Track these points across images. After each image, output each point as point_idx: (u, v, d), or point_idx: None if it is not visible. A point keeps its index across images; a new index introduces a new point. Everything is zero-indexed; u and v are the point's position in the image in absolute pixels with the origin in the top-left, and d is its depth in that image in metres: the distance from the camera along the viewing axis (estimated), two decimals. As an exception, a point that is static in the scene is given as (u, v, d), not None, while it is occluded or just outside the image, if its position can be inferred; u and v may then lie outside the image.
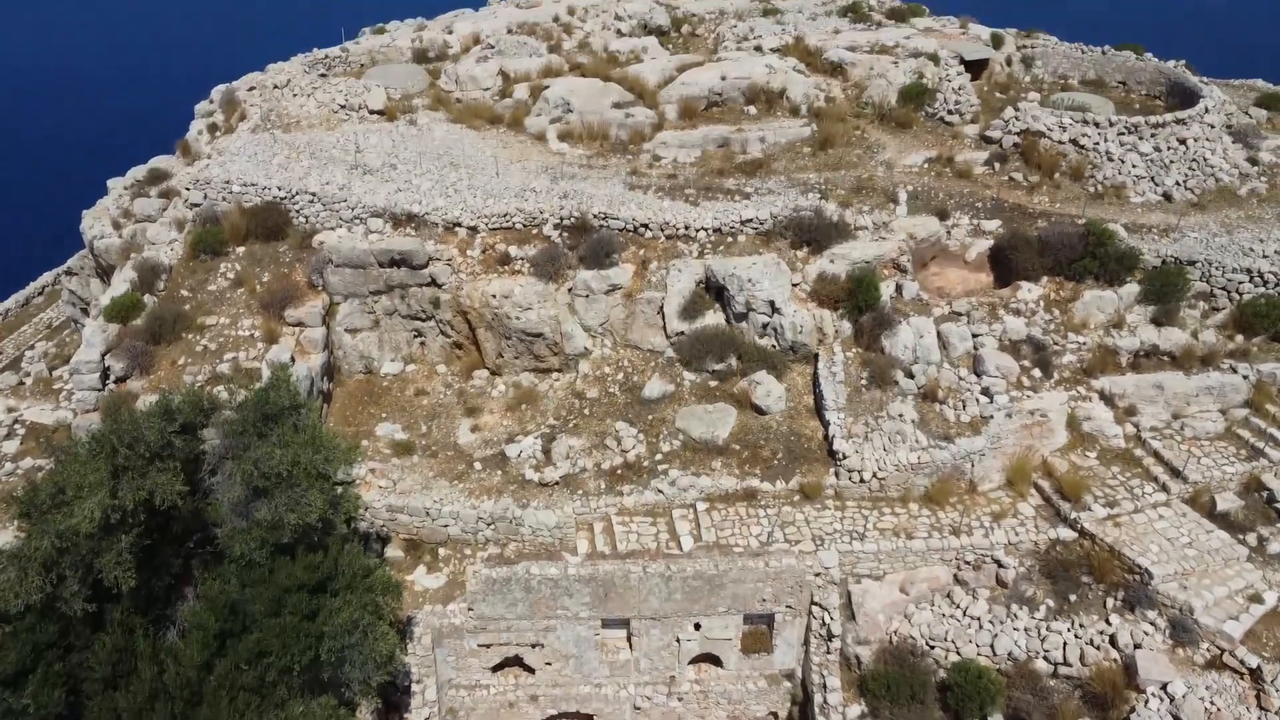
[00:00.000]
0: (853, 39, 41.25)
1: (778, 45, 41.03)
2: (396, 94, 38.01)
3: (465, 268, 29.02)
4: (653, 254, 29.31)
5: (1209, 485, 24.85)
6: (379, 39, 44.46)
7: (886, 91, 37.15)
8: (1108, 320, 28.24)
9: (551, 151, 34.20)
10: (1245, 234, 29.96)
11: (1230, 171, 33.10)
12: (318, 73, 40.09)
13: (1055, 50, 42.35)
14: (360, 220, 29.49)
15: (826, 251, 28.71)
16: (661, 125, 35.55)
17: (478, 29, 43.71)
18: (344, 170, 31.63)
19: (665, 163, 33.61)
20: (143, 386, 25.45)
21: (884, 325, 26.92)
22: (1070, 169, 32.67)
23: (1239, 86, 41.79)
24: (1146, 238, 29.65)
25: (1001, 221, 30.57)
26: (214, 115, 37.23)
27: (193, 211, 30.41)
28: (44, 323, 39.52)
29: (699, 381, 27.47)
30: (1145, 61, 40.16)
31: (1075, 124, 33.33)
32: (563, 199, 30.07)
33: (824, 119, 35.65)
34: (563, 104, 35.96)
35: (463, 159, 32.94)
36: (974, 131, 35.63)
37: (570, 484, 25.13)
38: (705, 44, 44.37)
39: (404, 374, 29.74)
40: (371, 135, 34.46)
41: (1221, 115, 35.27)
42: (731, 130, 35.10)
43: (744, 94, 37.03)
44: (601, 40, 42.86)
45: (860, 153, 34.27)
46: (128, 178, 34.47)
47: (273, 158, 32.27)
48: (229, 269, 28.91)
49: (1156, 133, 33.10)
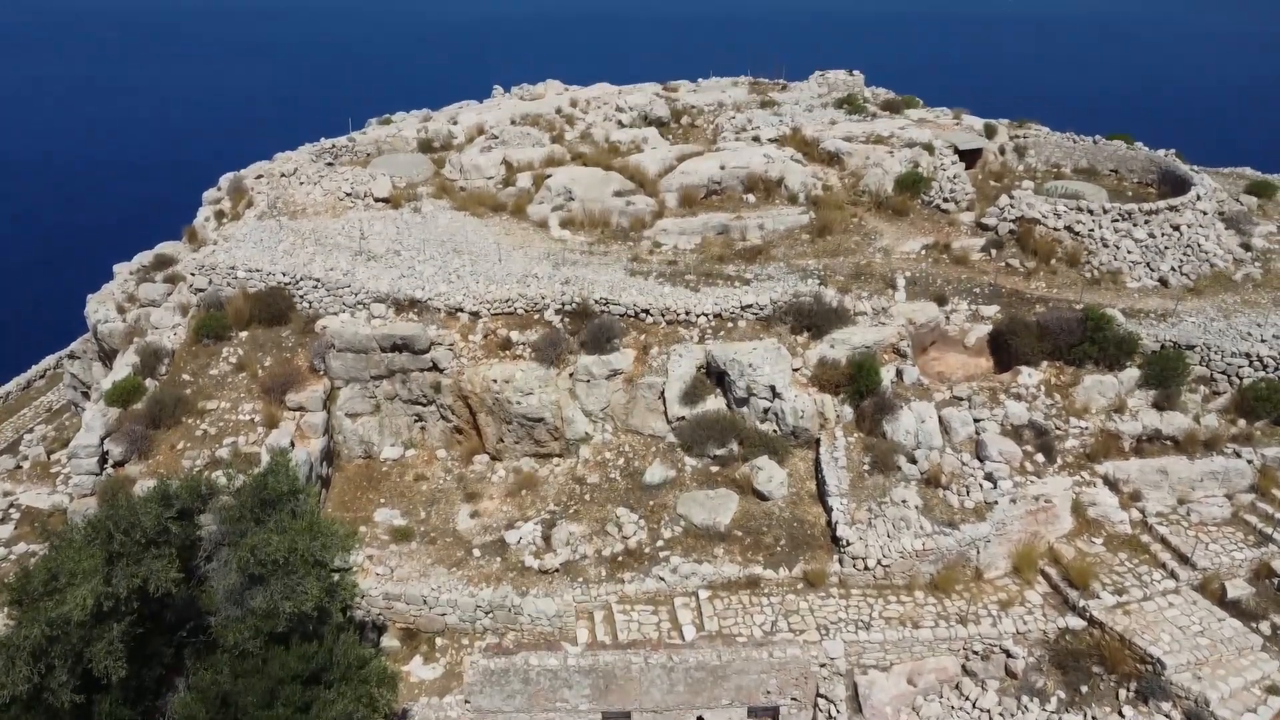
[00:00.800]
0: (849, 130, 42.16)
1: (775, 136, 41.91)
2: (401, 182, 38.70)
3: (467, 352, 29.13)
4: (654, 339, 29.45)
5: (1218, 572, 24.50)
6: (385, 129, 45.47)
7: (883, 180, 37.82)
8: (1109, 405, 28.23)
9: (553, 238, 34.65)
10: (1242, 318, 30.16)
11: (1224, 257, 33.49)
12: (325, 161, 40.87)
13: (1047, 140, 43.25)
14: (363, 305, 29.72)
15: (826, 336, 28.85)
16: (662, 213, 36.11)
17: (482, 120, 44.71)
18: (348, 256, 32.00)
19: (666, 249, 34.02)
20: (141, 471, 25.30)
21: (885, 410, 26.89)
22: (1066, 255, 33.06)
23: (1228, 174, 42.57)
24: (1145, 322, 29.83)
25: (1000, 307, 30.81)
26: (221, 202, 37.82)
27: (197, 296, 30.67)
28: (44, 406, 39.53)
29: (700, 467, 27.31)
30: (1136, 150, 40.99)
31: (1070, 211, 33.86)
32: (564, 285, 30.35)
33: (822, 207, 36.22)
34: (565, 192, 36.59)
35: (466, 245, 33.35)
36: (970, 219, 36.15)
37: (570, 571, 24.78)
38: (704, 134, 45.34)
39: (404, 459, 29.59)
40: (376, 222, 34.96)
41: (1213, 202, 35.85)
42: (731, 218, 35.63)
43: (743, 182, 37.70)
44: (603, 131, 43.79)
45: (858, 239, 34.72)
46: (134, 263, 34.88)
47: (278, 244, 32.69)
48: (231, 353, 29.01)
49: (1150, 219, 33.60)
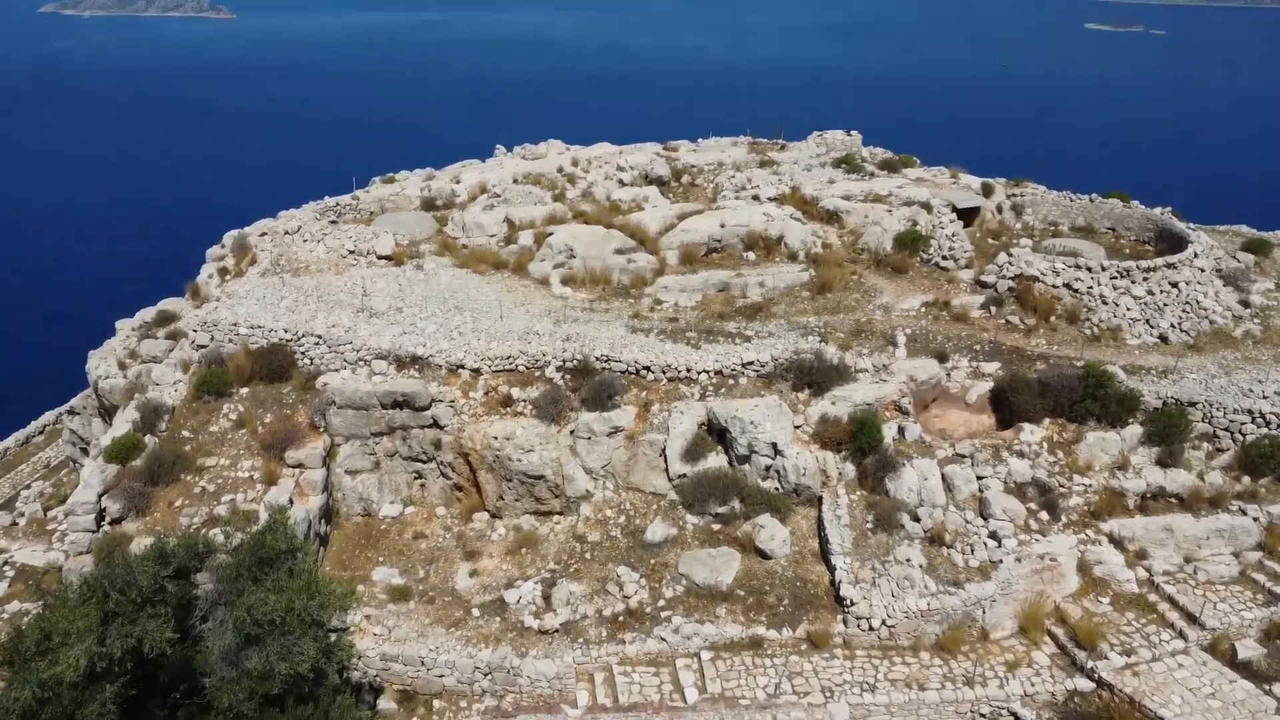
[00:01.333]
0: (847, 188, 42.62)
1: (775, 194, 42.35)
2: (404, 240, 39.00)
3: (468, 409, 29.09)
4: (655, 396, 29.43)
5: (1228, 632, 24.15)
6: (389, 188, 45.93)
7: (882, 238, 38.13)
8: (1112, 462, 28.10)
9: (555, 295, 34.82)
10: (1243, 375, 30.16)
11: (1224, 314, 33.61)
12: (328, 219, 41.23)
13: (1044, 198, 43.68)
14: (364, 362, 29.76)
15: (828, 394, 28.83)
16: (663, 270, 36.34)
17: (484, 179, 45.22)
18: (350, 313, 32.14)
19: (667, 306, 34.17)
20: (138, 528, 25.11)
21: (888, 468, 26.77)
22: (1066, 312, 33.19)
23: (1225, 232, 42.91)
24: (1146, 379, 29.82)
25: (1000, 364, 30.84)
26: (225, 259, 38.08)
27: (199, 353, 30.73)
28: (42, 462, 39.35)
29: (702, 525, 27.10)
30: (1132, 208, 41.38)
31: (1068, 269, 34.07)
32: (565, 342, 30.42)
33: (821, 264, 36.47)
34: (566, 250, 36.86)
35: (467, 303, 33.51)
36: (969, 276, 36.36)
37: (570, 631, 24.44)
38: (704, 193, 45.81)
39: (403, 516, 29.38)
40: (379, 279, 35.17)
41: (1210, 259, 36.10)
42: (731, 275, 35.85)
43: (743, 240, 38.02)
44: (604, 190, 44.26)
45: (858, 297, 34.89)
46: (136, 319, 34.99)
47: (280, 301, 32.85)
48: (232, 410, 28.98)
49: (1148, 277, 33.80)
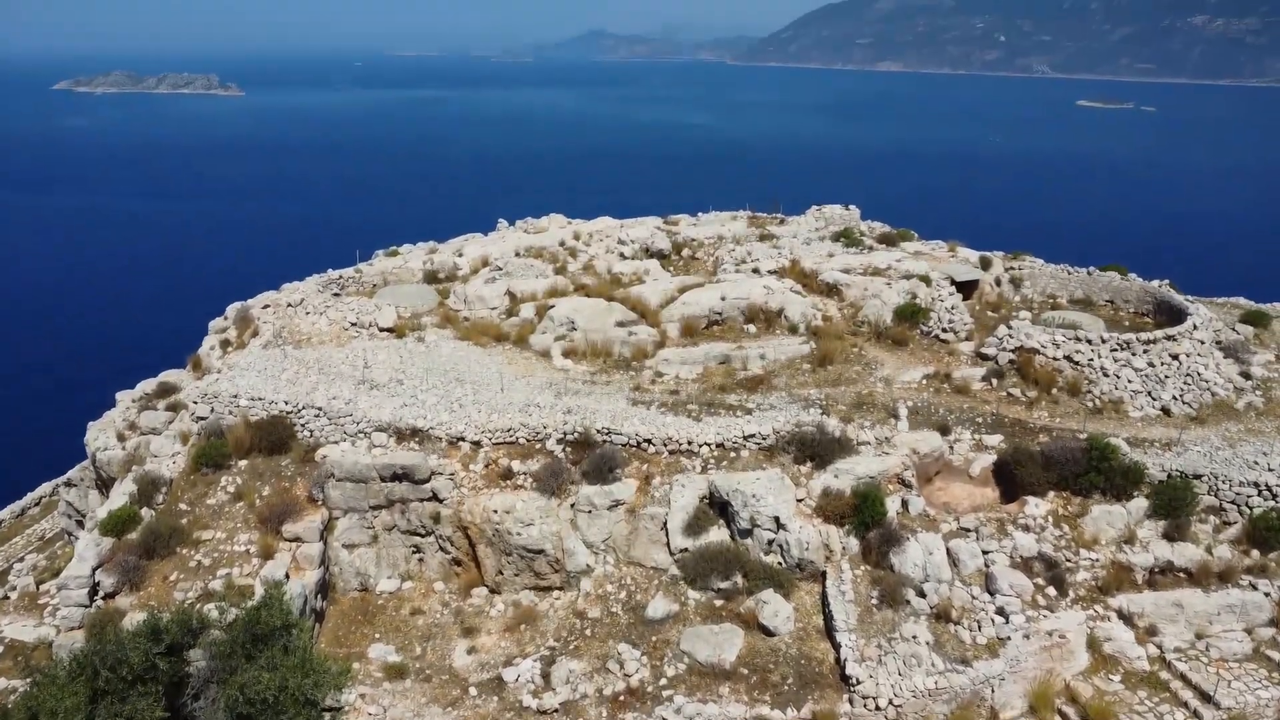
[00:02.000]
0: (846, 262, 42.99)
1: (775, 268, 42.72)
2: (406, 312, 39.21)
3: (467, 482, 28.88)
4: (656, 469, 29.24)
5: (1244, 712, 23.56)
6: (392, 261, 46.37)
7: (881, 311, 38.32)
8: (1118, 536, 27.78)
9: (556, 368, 34.86)
10: (1248, 447, 30.01)
11: (1225, 386, 33.59)
12: (331, 292, 41.52)
13: (1042, 271, 44.04)
14: (364, 434, 29.64)
15: (830, 466, 28.65)
16: (664, 343, 36.45)
17: (487, 252, 45.68)
18: (351, 385, 32.13)
19: (667, 379, 34.17)
20: (131, 603, 24.69)
21: (892, 542, 26.46)
22: (1067, 384, 33.18)
23: (1222, 304, 43.15)
24: (1149, 452, 29.67)
25: (1003, 436, 30.71)
26: (227, 331, 38.24)
27: (198, 425, 30.62)
28: (37, 534, 38.96)
29: (704, 600, 26.67)
30: (1130, 281, 41.68)
31: (1068, 341, 34.16)
32: (566, 414, 30.34)
33: (822, 337, 36.59)
34: (567, 322, 37.02)
35: (468, 375, 33.52)
36: (969, 349, 36.45)
37: (570, 711, 23.86)
38: (705, 266, 46.23)
39: (400, 592, 28.94)
40: (380, 351, 35.25)
41: (1210, 332, 36.22)
42: (732, 347, 35.93)
43: (743, 313, 38.21)
44: (605, 263, 44.66)
45: (859, 369, 34.92)
46: (136, 391, 35.00)
47: (281, 373, 32.86)
48: (230, 483, 28.76)
49: (1149, 349, 33.87)
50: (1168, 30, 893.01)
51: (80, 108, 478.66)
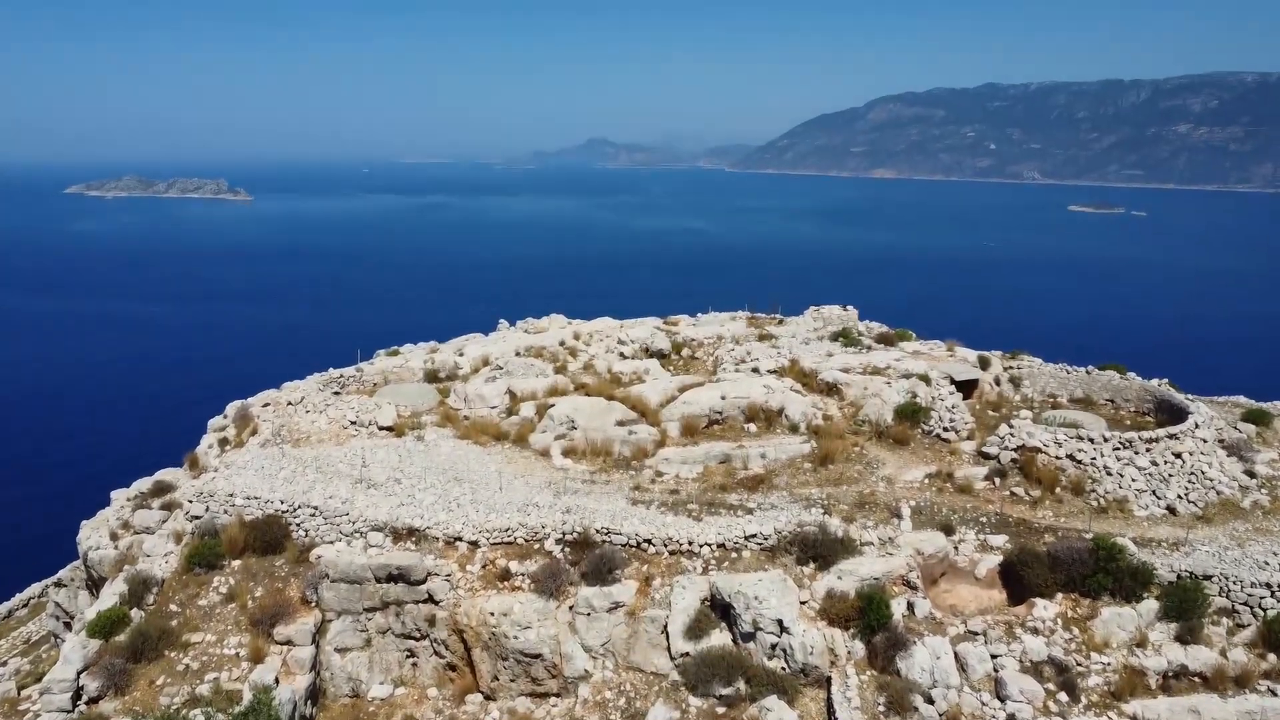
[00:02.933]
0: (845, 361, 43.15)
1: (774, 367, 42.85)
2: (406, 411, 39.16)
3: (464, 583, 28.34)
4: (656, 570, 28.74)
5: (1268, 827, 22.62)
6: (393, 360, 46.57)
7: (882, 410, 38.27)
8: (1130, 639, 27.11)
9: (555, 467, 34.62)
10: (1257, 547, 29.55)
11: (1230, 484, 33.29)
12: (331, 390, 41.57)
13: (1041, 370, 44.15)
14: (360, 534, 29.23)
15: (833, 567, 28.16)
16: (664, 442, 36.28)
17: (487, 352, 45.90)
18: (348, 484, 31.85)
19: (668, 478, 33.90)
20: (115, 708, 23.95)
21: (898, 646, 25.80)
22: (1070, 483, 32.89)
23: (1223, 403, 43.11)
24: (1157, 552, 29.20)
25: (1008, 536, 30.29)
26: (226, 430, 38.12)
27: (192, 524, 30.23)
28: (23, 637, 38.09)
29: (705, 708, 25.85)
30: (1129, 380, 41.75)
31: (1070, 440, 34.00)
32: (565, 514, 29.99)
33: (823, 436, 36.44)
34: (567, 421, 36.93)
35: (467, 474, 33.27)
36: (971, 448, 36.26)
37: (567, 825, 22.89)
38: (705, 366, 46.39)
39: (393, 698, 28.07)
40: (379, 450, 35.06)
41: (1212, 430, 36.08)
42: (733, 447, 35.75)
43: (743, 412, 38.15)
44: (605, 363, 44.83)
45: (860, 468, 34.67)
46: (132, 489, 34.69)
47: (279, 471, 32.62)
48: (222, 583, 28.23)
49: (1151, 447, 33.69)
50: (1154, 138, 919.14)
51: (90, 211, 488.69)
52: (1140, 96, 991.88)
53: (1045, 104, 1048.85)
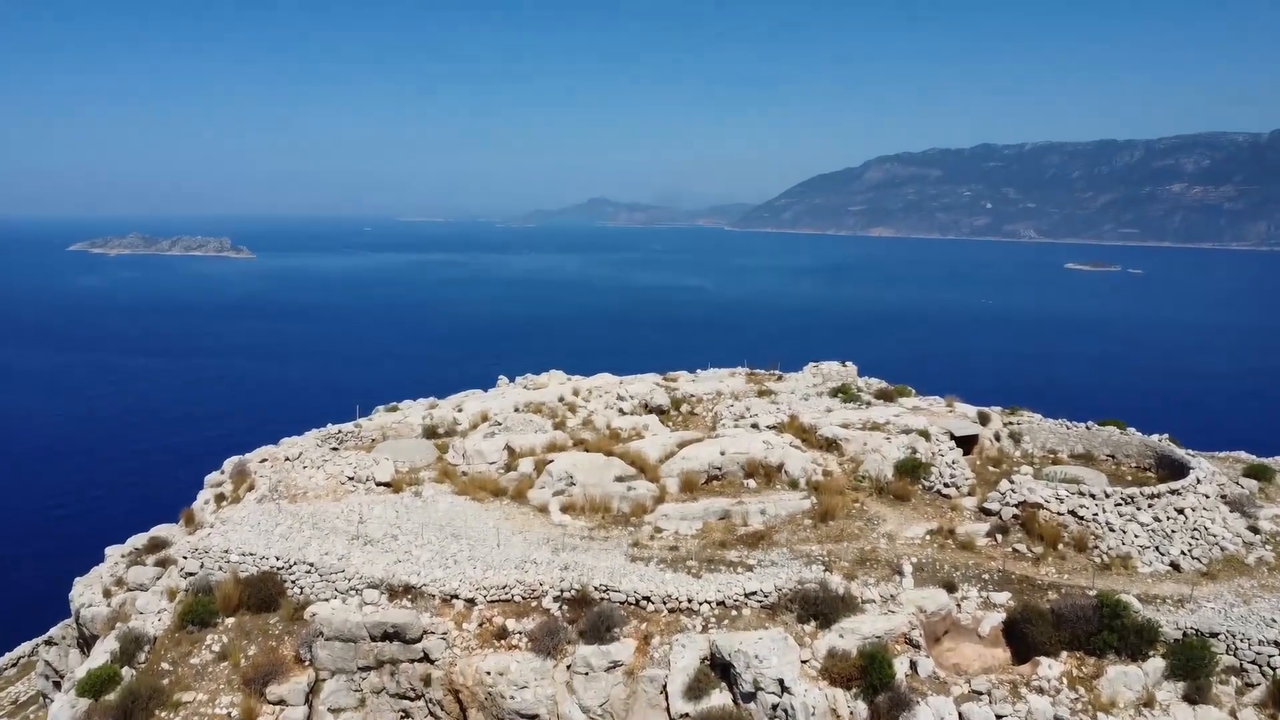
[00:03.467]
0: (845, 417, 43.09)
1: (773, 423, 42.79)
2: (404, 467, 39.00)
3: (460, 642, 27.95)
4: (655, 628, 28.36)
5: None
6: (391, 416, 46.48)
7: (882, 465, 38.12)
8: (1137, 698, 26.65)
9: (553, 523, 34.36)
10: (1264, 604, 29.19)
11: (1234, 540, 33.02)
12: (330, 446, 41.43)
13: (1041, 426, 44.07)
14: (356, 591, 28.90)
15: (835, 625, 27.79)
16: (663, 498, 36.08)
17: (486, 407, 45.85)
18: (344, 541, 31.58)
19: (667, 535, 33.63)
20: (102, 773, 23.46)
21: (901, 706, 25.35)
22: (1073, 540, 32.62)
23: (1224, 458, 42.95)
24: (1162, 609, 28.85)
25: (1011, 594, 29.96)
26: (223, 485, 37.94)
27: (187, 581, 29.93)
28: (10, 697, 37.47)
29: (706, 769, 25.32)
30: (1129, 435, 41.65)
31: (1071, 496, 33.81)
32: (563, 571, 29.69)
33: (823, 492, 36.24)
34: (566, 477, 36.76)
35: (464, 530, 33.01)
36: (972, 504, 36.04)
37: None
38: (704, 421, 46.30)
39: (387, 760, 27.51)
40: (376, 506, 34.83)
41: (1214, 485, 35.89)
42: (732, 503, 35.54)
43: (743, 468, 38.00)
44: (605, 418, 44.76)
45: (861, 525, 34.43)
46: (127, 545, 34.41)
47: (275, 527, 32.37)
48: (215, 641, 27.84)
49: (1154, 503, 33.48)
50: (1148, 197, 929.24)
51: (93, 267, 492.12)
52: (1134, 156, 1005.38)
53: (1040, 164, 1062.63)
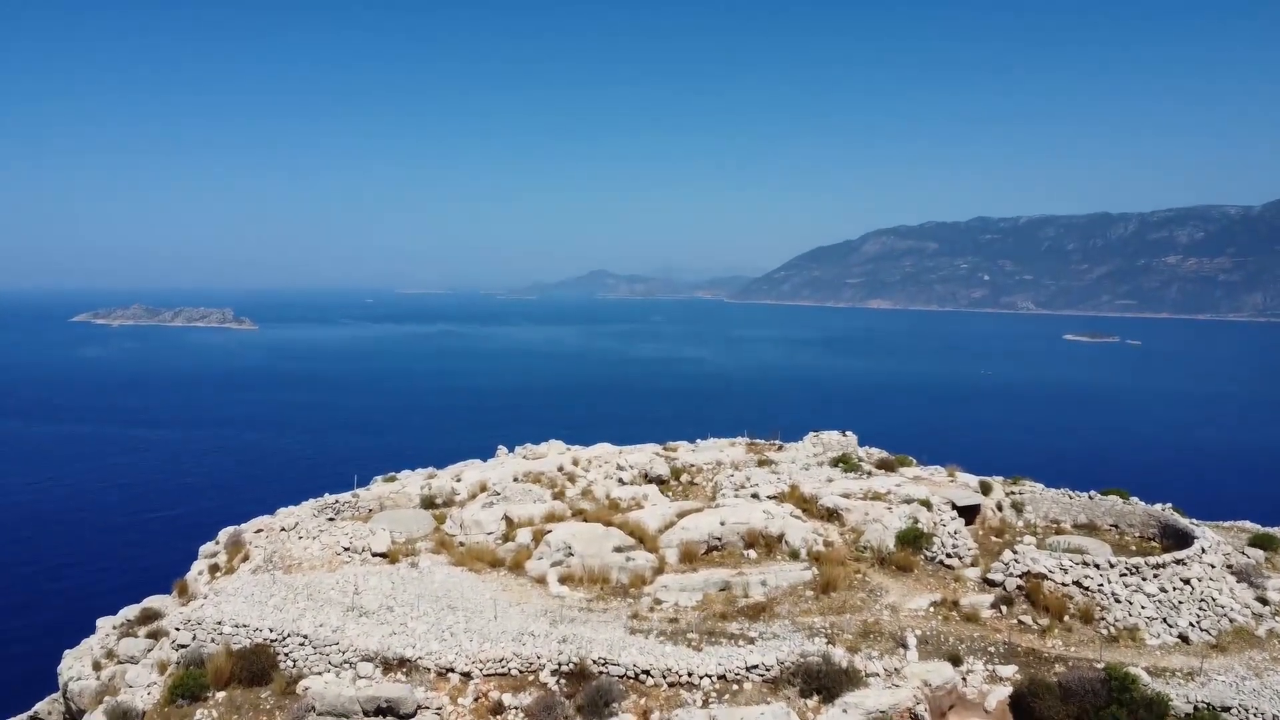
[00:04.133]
0: (846, 487, 42.83)
1: (774, 493, 42.50)
2: (401, 537, 38.63)
3: (455, 717, 27.31)
4: (655, 703, 27.75)
5: None
6: (389, 486, 46.22)
7: (884, 536, 37.75)
8: (1150, 777, 25.98)
9: (551, 595, 33.90)
10: (1276, 677, 28.59)
11: (1242, 611, 32.53)
12: (326, 516, 41.12)
13: (1043, 496, 43.78)
14: (350, 664, 28.37)
15: (839, 700, 27.20)
16: (662, 569, 35.65)
17: (485, 477, 45.60)
18: (339, 612, 31.11)
19: (666, 606, 33.14)
20: None
21: (907, 782, 24.71)
22: (1079, 611, 32.15)
23: (1229, 528, 42.58)
24: (1172, 682, 28.29)
25: (1017, 667, 29.41)
26: (218, 556, 37.55)
27: (178, 653, 29.40)
28: (-7, 780, 36.47)
29: None
30: (1133, 505, 41.35)
31: (1076, 566, 33.41)
32: (561, 643, 29.18)
33: (824, 563, 35.82)
34: (564, 548, 36.38)
35: (461, 602, 32.54)
36: (975, 575, 35.61)
37: None
38: (704, 491, 46.00)
39: (378, 841, 26.69)
40: (372, 577, 34.40)
41: (1220, 555, 35.49)
42: (732, 574, 35.11)
43: (743, 538, 37.63)
44: (604, 488, 44.47)
45: (864, 596, 33.95)
46: (118, 617, 33.91)
47: (269, 598, 31.92)
48: (205, 716, 27.21)
49: (1159, 573, 33.07)
50: (1144, 269, 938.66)
51: (96, 338, 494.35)
52: (1128, 229, 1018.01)
53: (1035, 236, 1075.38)
